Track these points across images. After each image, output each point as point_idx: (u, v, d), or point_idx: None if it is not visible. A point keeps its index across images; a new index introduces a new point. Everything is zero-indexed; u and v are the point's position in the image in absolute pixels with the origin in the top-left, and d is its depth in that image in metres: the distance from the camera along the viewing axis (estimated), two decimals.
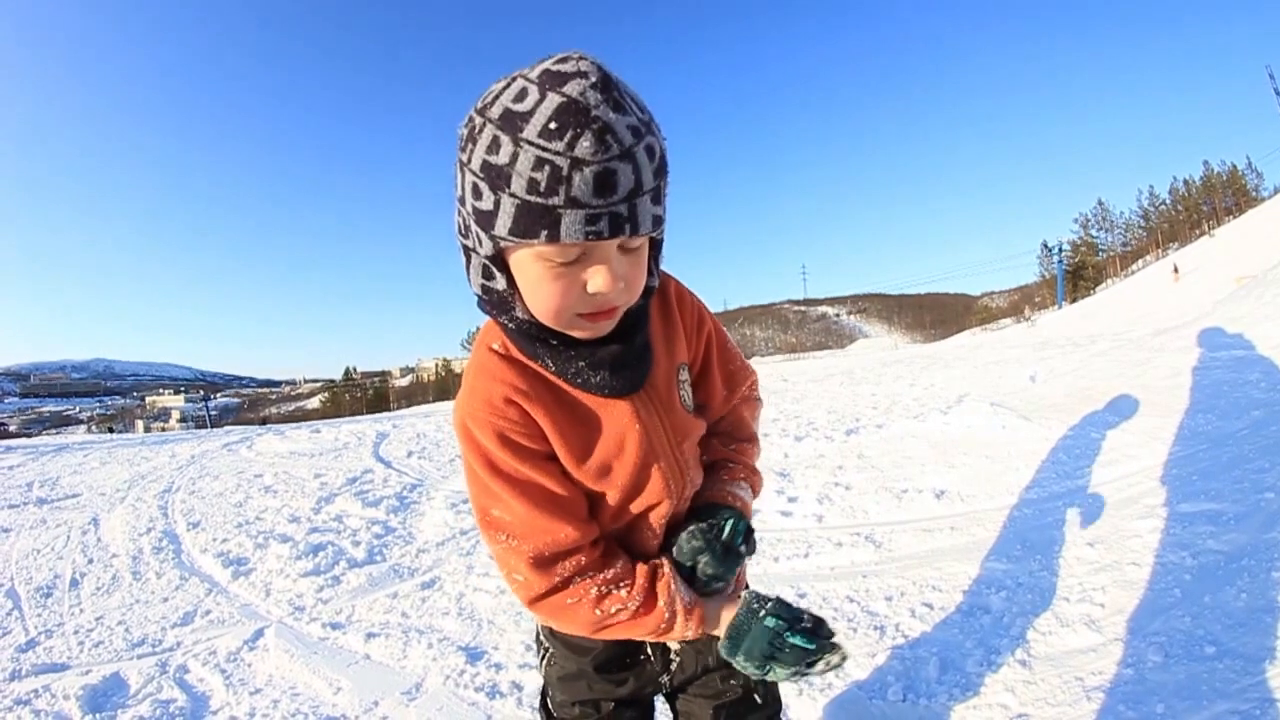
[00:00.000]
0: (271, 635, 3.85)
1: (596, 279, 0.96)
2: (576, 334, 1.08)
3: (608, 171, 0.86)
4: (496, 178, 0.89)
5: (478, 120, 0.93)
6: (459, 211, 1.02)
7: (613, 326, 1.09)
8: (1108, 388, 7.11)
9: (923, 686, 2.76)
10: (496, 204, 0.90)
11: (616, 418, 1.19)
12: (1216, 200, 76.17)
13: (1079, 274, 77.20)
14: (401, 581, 4.55)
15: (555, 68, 0.88)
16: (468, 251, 1.05)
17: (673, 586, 1.22)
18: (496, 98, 0.91)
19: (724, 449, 1.45)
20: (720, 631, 1.24)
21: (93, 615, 4.35)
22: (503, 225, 0.91)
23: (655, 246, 1.14)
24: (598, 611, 1.18)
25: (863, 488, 5.32)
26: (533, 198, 0.86)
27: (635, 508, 1.27)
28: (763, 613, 1.20)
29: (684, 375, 1.32)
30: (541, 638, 1.48)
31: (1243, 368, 6.84)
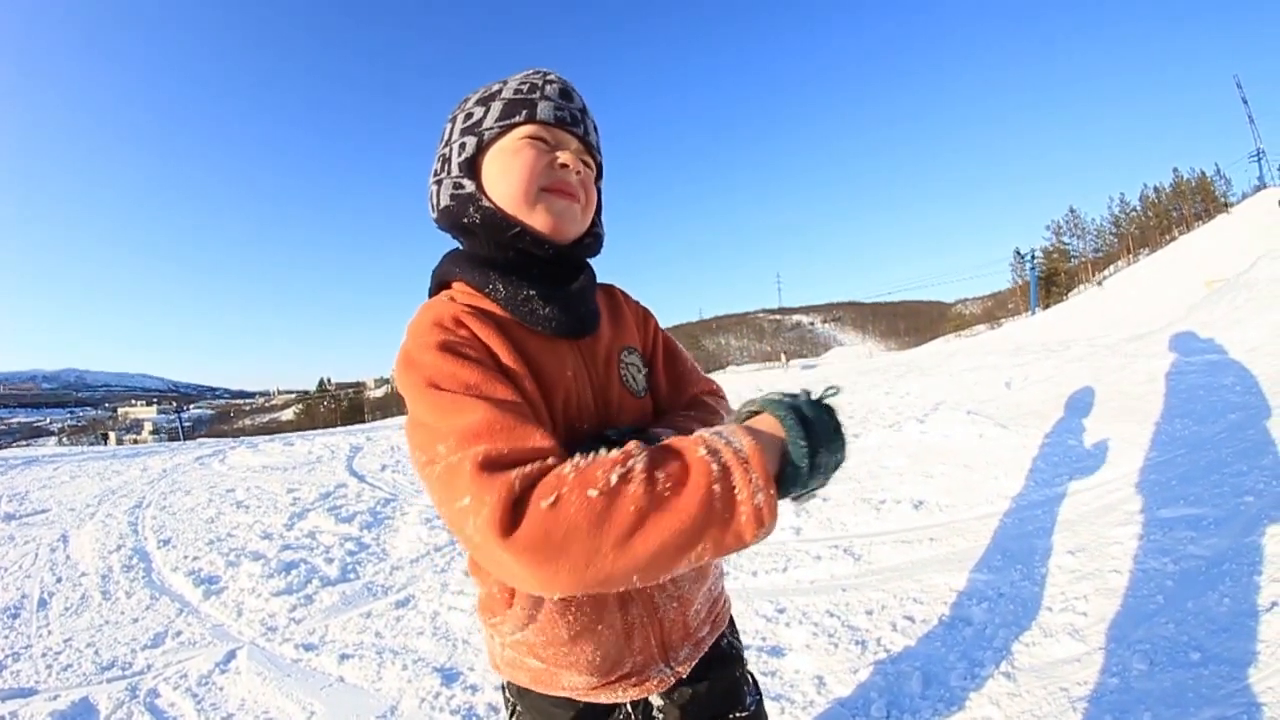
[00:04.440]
0: (243, 657, 3.77)
1: (564, 155, 1.19)
2: (539, 220, 1.17)
3: (566, 89, 1.23)
4: (489, 98, 1.21)
5: (472, 93, 1.26)
6: (439, 155, 1.25)
7: (571, 227, 1.21)
8: (1084, 394, 7.17)
9: (906, 702, 2.74)
10: (486, 110, 1.20)
11: (556, 361, 1.19)
12: (1186, 207, 77.29)
13: (1051, 280, 78.08)
14: (375, 600, 4.48)
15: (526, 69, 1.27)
16: (439, 181, 1.23)
17: (714, 437, 0.91)
18: (488, 83, 1.27)
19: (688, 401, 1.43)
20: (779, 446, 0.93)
21: (61, 637, 4.24)
22: (490, 119, 1.19)
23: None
24: (592, 493, 0.83)
25: (840, 499, 5.30)
26: (517, 95, 1.20)
27: None
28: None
29: (631, 357, 1.35)
30: (508, 693, 1.37)
31: (1217, 372, 6.90)
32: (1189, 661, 2.64)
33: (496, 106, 1.19)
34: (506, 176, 1.16)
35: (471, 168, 1.19)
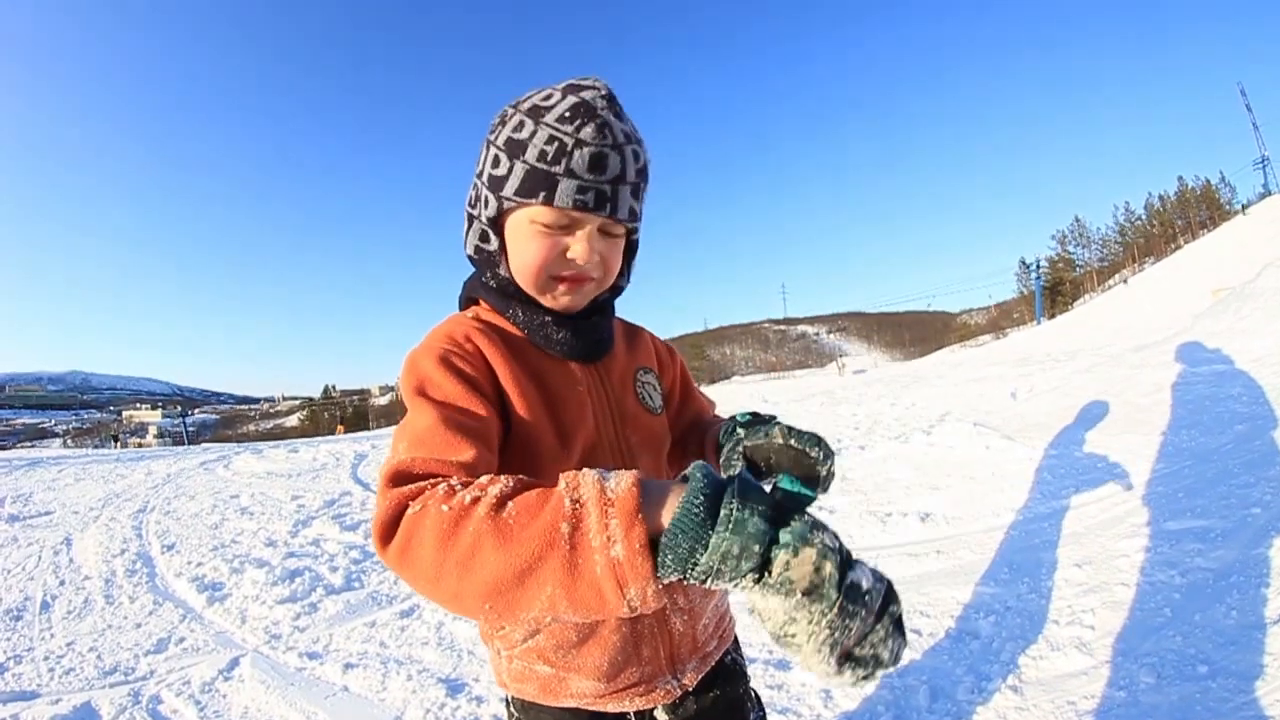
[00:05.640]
0: (247, 665, 3.76)
1: (577, 246, 1.13)
2: (549, 302, 1.21)
3: (601, 155, 1.08)
4: (515, 149, 1.11)
5: (510, 110, 1.16)
6: (474, 184, 1.22)
7: (583, 303, 1.24)
8: (1090, 405, 7.16)
9: (913, 716, 2.72)
10: (510, 169, 1.11)
11: (567, 379, 1.24)
12: (1191, 215, 77.18)
13: (1057, 290, 78.05)
14: (380, 609, 4.47)
15: (576, 82, 1.13)
16: (471, 219, 1.23)
17: (585, 475, 0.79)
18: (529, 97, 1.15)
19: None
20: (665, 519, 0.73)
21: (64, 640, 4.24)
22: (510, 187, 1.11)
23: (631, 251, 1.31)
24: (444, 508, 0.80)
25: (847, 511, 5.30)
26: (540, 165, 1.08)
27: None
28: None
29: (646, 377, 1.41)
30: (512, 709, 1.35)
31: (1224, 382, 6.89)
32: (1196, 675, 2.62)
33: (519, 171, 1.10)
34: (519, 257, 1.17)
35: (496, 225, 1.19)
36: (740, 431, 1.21)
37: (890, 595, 0.72)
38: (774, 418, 1.26)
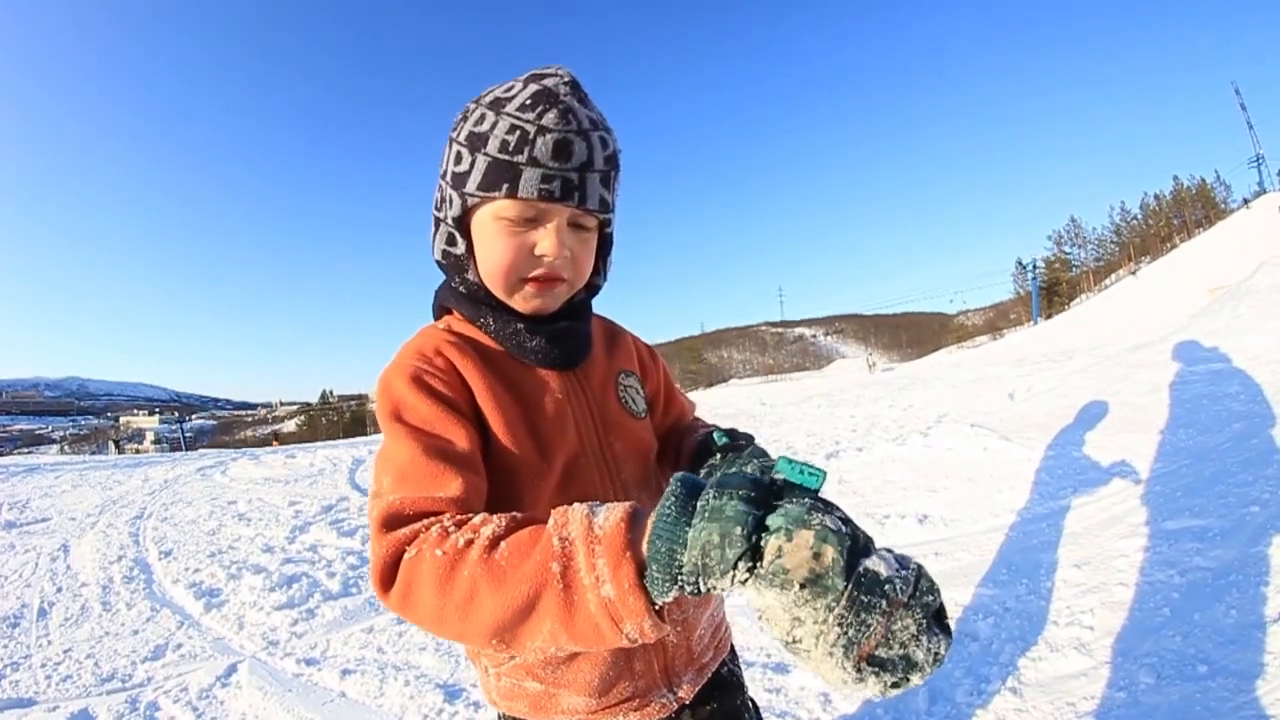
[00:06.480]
0: (245, 671, 3.75)
1: (544, 241, 1.09)
2: (520, 304, 1.17)
3: (565, 141, 1.05)
4: (476, 142, 1.07)
5: (472, 106, 1.13)
6: (438, 186, 1.18)
7: (555, 304, 1.20)
8: (1088, 405, 7.15)
9: (912, 718, 2.71)
10: (472, 164, 1.08)
11: (543, 388, 1.21)
12: (1187, 214, 77.27)
13: (1053, 290, 78.19)
14: (378, 615, 4.44)
15: (538, 71, 1.12)
16: (437, 222, 1.19)
17: (574, 511, 0.79)
18: (491, 91, 1.12)
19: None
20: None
21: (61, 648, 4.23)
22: (473, 182, 1.08)
23: (605, 248, 1.27)
24: (439, 552, 0.82)
25: None
26: (502, 155, 1.05)
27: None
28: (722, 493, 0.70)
29: (628, 380, 1.38)
30: None
31: (1221, 381, 6.90)
32: (1196, 674, 2.62)
33: (481, 164, 1.07)
34: (487, 259, 1.14)
35: (462, 225, 1.15)
36: (716, 458, 1.23)
37: (923, 584, 0.64)
38: (751, 439, 1.27)
